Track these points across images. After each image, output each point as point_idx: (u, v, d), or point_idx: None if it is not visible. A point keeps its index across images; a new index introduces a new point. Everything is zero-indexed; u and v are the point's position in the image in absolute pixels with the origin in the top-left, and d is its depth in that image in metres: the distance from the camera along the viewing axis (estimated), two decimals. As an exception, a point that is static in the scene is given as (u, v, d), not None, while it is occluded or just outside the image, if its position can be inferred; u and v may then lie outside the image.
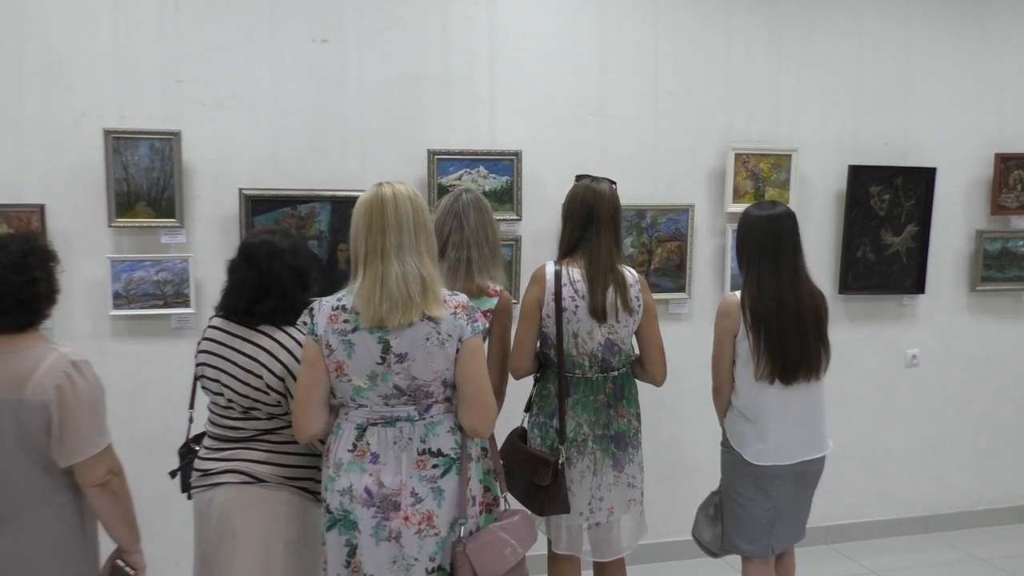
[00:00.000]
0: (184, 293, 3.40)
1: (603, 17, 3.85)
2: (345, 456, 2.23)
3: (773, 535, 2.92)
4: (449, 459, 2.24)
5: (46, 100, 3.28)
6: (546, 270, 2.82)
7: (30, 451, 2.06)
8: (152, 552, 2.47)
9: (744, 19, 4.03)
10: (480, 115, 3.73)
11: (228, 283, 2.49)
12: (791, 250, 2.83)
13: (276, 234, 2.50)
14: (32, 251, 2.13)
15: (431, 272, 2.20)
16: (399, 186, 2.23)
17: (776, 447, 2.83)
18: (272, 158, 3.50)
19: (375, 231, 2.17)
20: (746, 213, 2.91)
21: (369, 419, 2.22)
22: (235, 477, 2.41)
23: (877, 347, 4.40)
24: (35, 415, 2.03)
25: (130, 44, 3.34)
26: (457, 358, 2.22)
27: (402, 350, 2.17)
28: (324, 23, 3.52)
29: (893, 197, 4.24)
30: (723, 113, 4.04)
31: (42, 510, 2.11)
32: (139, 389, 3.42)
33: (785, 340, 2.77)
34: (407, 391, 2.20)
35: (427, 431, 2.23)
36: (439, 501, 2.21)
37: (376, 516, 2.19)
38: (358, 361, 2.18)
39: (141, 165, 3.32)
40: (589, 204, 2.82)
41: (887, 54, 4.24)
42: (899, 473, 4.52)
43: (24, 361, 2.05)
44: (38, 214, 3.24)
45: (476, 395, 2.25)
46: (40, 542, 2.10)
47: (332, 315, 2.20)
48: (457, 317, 2.21)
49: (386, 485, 2.19)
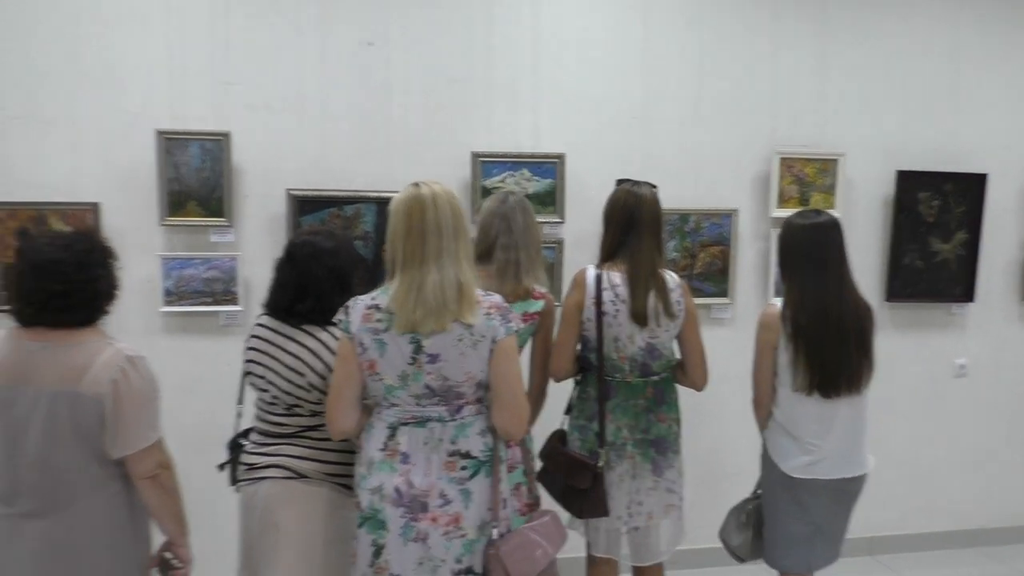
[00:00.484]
0: (232, 291, 3.47)
1: (647, 20, 3.84)
2: (376, 455, 2.24)
3: (812, 552, 2.87)
4: (478, 461, 2.23)
5: (102, 102, 3.36)
6: (587, 274, 2.82)
7: (84, 441, 2.11)
8: (200, 545, 2.52)
9: (791, 22, 3.99)
10: (524, 118, 3.74)
11: (273, 282, 2.54)
12: (836, 260, 2.78)
13: (320, 235, 2.54)
14: (94, 249, 2.19)
15: (468, 277, 2.19)
16: (437, 187, 2.22)
17: (815, 461, 2.79)
18: (319, 159, 3.56)
19: (414, 236, 2.17)
20: (788, 222, 2.86)
21: (400, 419, 2.23)
22: (278, 472, 2.45)
23: (924, 356, 4.33)
24: (90, 407, 2.08)
25: (182, 47, 3.41)
26: (491, 359, 2.21)
27: (434, 351, 2.16)
28: (370, 27, 3.57)
29: (943, 203, 4.17)
30: (768, 117, 4.00)
31: (95, 498, 2.16)
32: (188, 385, 3.49)
33: (826, 353, 2.72)
34: (438, 392, 2.20)
35: (458, 432, 2.22)
36: (467, 503, 2.21)
37: (404, 516, 2.19)
38: (389, 360, 2.18)
39: (192, 165, 3.39)
40: (630, 208, 2.81)
41: (937, 57, 4.17)
42: (946, 485, 4.43)
43: (82, 355, 2.10)
44: (92, 212, 3.33)
45: (509, 396, 2.23)
46: (92, 529, 2.16)
47: (366, 314, 2.20)
48: (491, 318, 2.20)
49: (415, 485, 2.19)
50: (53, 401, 2.07)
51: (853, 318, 2.76)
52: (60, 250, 2.13)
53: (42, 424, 2.08)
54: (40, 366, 2.09)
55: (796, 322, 2.74)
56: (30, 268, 2.11)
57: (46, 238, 2.19)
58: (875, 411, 2.93)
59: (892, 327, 4.22)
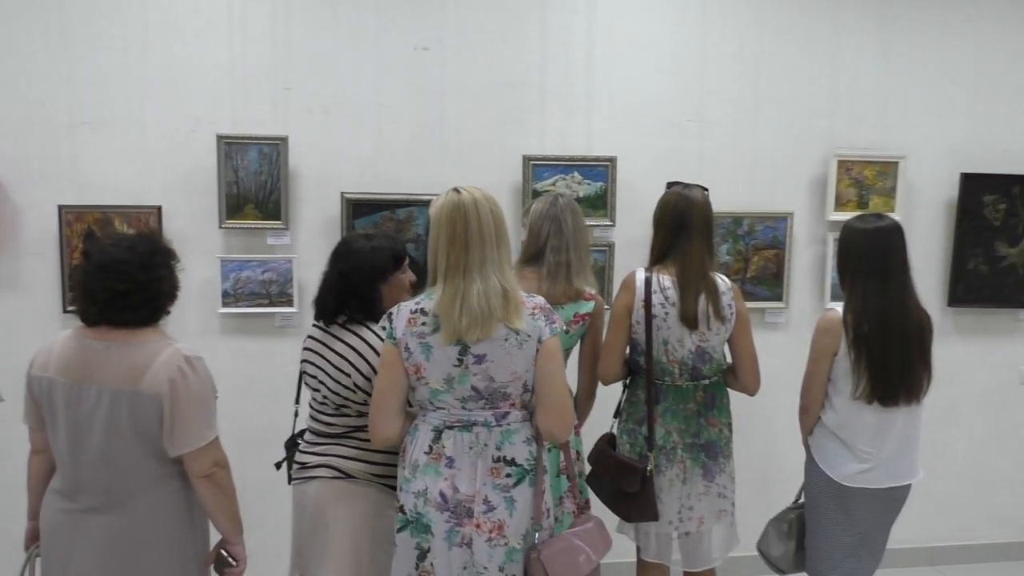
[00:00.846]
0: (288, 293, 3.54)
1: (705, 21, 3.81)
2: (421, 458, 2.23)
3: (858, 563, 2.81)
4: (522, 469, 2.22)
5: (166, 107, 3.46)
6: (636, 277, 2.81)
7: (144, 439, 2.17)
8: (254, 543, 2.57)
9: (852, 22, 3.91)
10: (576, 121, 3.74)
11: (320, 284, 2.61)
12: (899, 266, 2.70)
13: (360, 237, 2.59)
14: (157, 251, 2.25)
15: (512, 282, 2.20)
16: (478, 193, 2.21)
17: (868, 469, 2.73)
18: (373, 163, 3.61)
19: (458, 245, 2.16)
20: (848, 227, 2.79)
21: (446, 422, 2.22)
22: (327, 472, 2.50)
23: (988, 363, 4.20)
24: (149, 405, 2.14)
25: (244, 53, 3.49)
26: (535, 359, 2.20)
27: (480, 351, 2.16)
28: (426, 32, 3.61)
29: (1010, 207, 4.04)
30: (826, 118, 3.93)
31: (153, 495, 2.22)
32: (244, 385, 3.57)
33: (887, 360, 2.66)
34: (484, 393, 2.19)
35: (503, 439, 2.22)
36: (511, 511, 2.20)
37: (450, 521, 2.19)
38: (435, 364, 2.18)
39: (250, 169, 3.47)
40: (681, 211, 2.79)
41: (1004, 56, 4.04)
42: (1012, 494, 4.29)
43: (142, 354, 2.16)
44: (155, 215, 3.43)
45: (554, 397, 2.22)
46: (152, 525, 2.22)
47: (411, 318, 2.20)
48: (536, 318, 2.20)
49: (460, 491, 2.19)
50: (115, 399, 2.13)
51: (916, 327, 2.70)
52: (124, 251, 2.19)
53: (104, 422, 2.14)
54: (103, 365, 2.15)
55: (858, 329, 2.68)
56: (96, 268, 2.17)
57: (111, 240, 2.27)
58: (938, 419, 2.88)
59: (956, 333, 4.10)
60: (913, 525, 2.92)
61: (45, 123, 3.39)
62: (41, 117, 3.38)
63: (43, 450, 2.32)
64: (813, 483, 2.86)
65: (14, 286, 3.43)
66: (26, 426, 2.34)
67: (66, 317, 3.42)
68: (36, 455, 2.35)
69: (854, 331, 2.68)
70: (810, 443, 2.89)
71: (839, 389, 2.77)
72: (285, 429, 2.84)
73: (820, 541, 2.84)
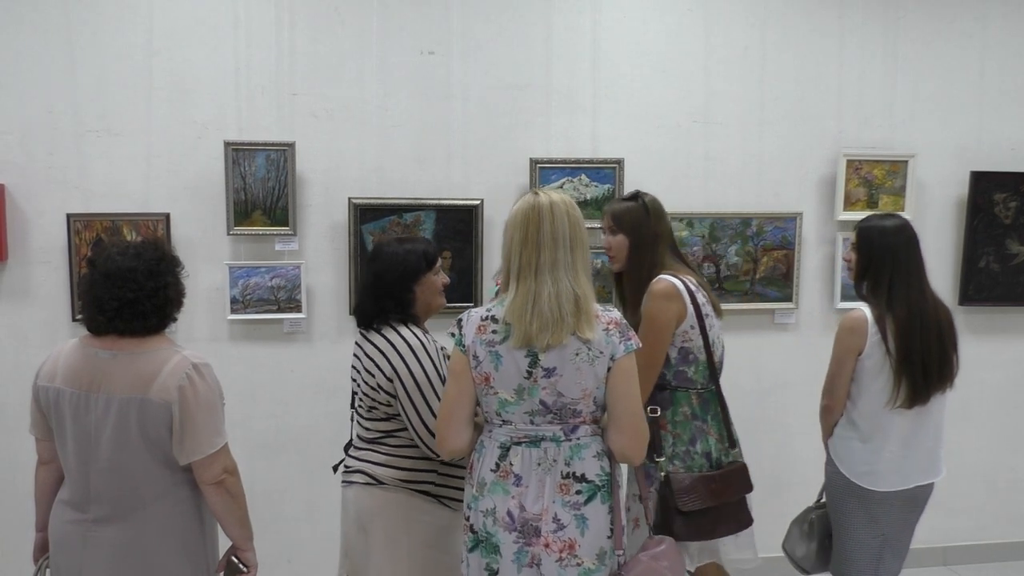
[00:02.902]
0: (296, 299, 3.54)
1: (709, 22, 3.80)
2: (488, 475, 2.16)
3: (882, 565, 2.79)
4: (593, 486, 2.12)
5: (173, 114, 3.47)
6: (676, 284, 2.67)
7: (153, 447, 2.16)
8: (263, 548, 2.57)
9: (858, 21, 3.90)
10: (582, 124, 3.74)
11: (358, 290, 2.64)
12: (921, 263, 2.74)
13: (393, 241, 2.62)
14: (163, 258, 2.24)
15: (586, 290, 2.12)
16: (556, 196, 2.16)
17: (893, 470, 2.72)
18: (380, 167, 3.61)
19: (530, 246, 2.11)
20: (871, 227, 2.77)
21: (513, 438, 2.14)
22: (361, 477, 2.52)
23: (1001, 362, 4.17)
24: (158, 413, 2.13)
25: (249, 60, 3.50)
26: (608, 377, 2.11)
27: (550, 364, 2.08)
28: (431, 36, 3.60)
29: (1020, 204, 4.01)
30: (834, 118, 3.91)
31: (164, 503, 2.21)
32: (253, 391, 3.57)
33: (927, 359, 2.67)
34: (553, 408, 2.11)
35: (572, 454, 2.12)
36: (582, 529, 2.10)
37: (518, 541, 2.11)
38: (505, 373, 2.11)
39: (257, 175, 3.47)
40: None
41: (1012, 54, 4.02)
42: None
43: (150, 362, 2.16)
44: (163, 222, 3.44)
45: (628, 418, 2.12)
46: (163, 534, 2.21)
47: (481, 325, 2.14)
48: (610, 334, 2.10)
49: (528, 509, 2.10)
50: (123, 408, 2.13)
51: (945, 315, 2.74)
52: (131, 259, 2.18)
53: (113, 431, 2.13)
54: (111, 373, 2.15)
55: (894, 327, 2.68)
56: (102, 277, 2.16)
57: (116, 248, 2.24)
58: (950, 419, 2.85)
59: (967, 332, 4.07)
60: (926, 525, 2.89)
61: (53, 132, 3.40)
62: (49, 126, 3.39)
63: (50, 461, 2.31)
64: (834, 485, 2.83)
65: (23, 295, 3.44)
66: (33, 437, 2.33)
67: (75, 326, 3.42)
68: (43, 466, 2.34)
69: (886, 330, 2.68)
70: (830, 445, 2.86)
71: (863, 388, 2.75)
72: (294, 434, 2.85)
73: (844, 542, 2.82)
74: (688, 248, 3.76)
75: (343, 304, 3.60)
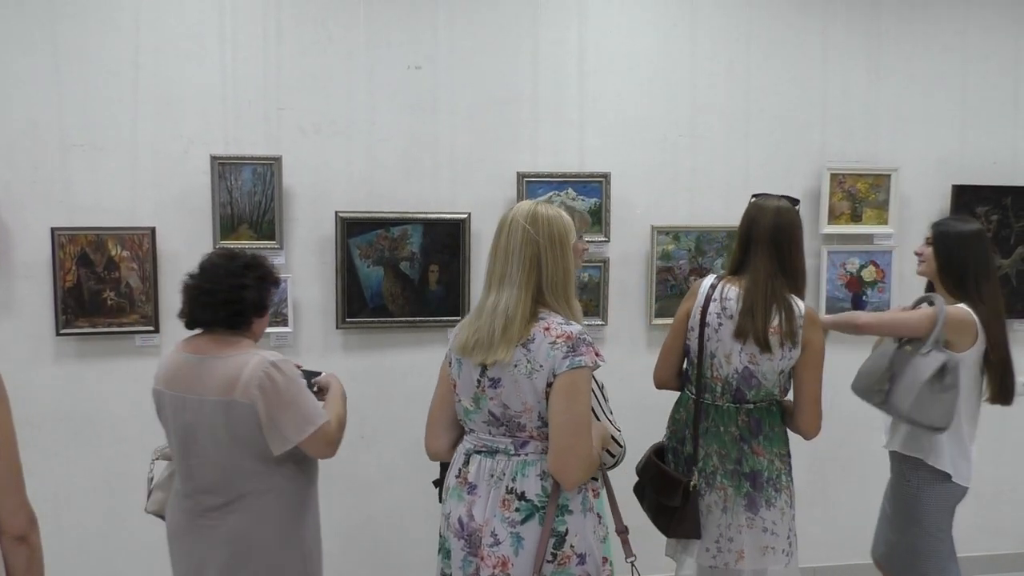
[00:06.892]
0: (283, 312, 3.52)
1: (694, 37, 3.83)
2: (452, 481, 2.21)
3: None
4: (532, 506, 2.07)
5: (159, 128, 3.45)
6: (703, 282, 2.75)
7: (244, 443, 2.26)
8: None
9: (841, 36, 3.94)
10: (569, 137, 3.75)
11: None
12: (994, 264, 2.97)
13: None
14: (251, 266, 2.38)
15: (525, 307, 2.05)
16: (525, 207, 2.14)
17: (971, 463, 2.87)
18: (367, 181, 3.60)
19: (492, 258, 2.16)
20: (957, 231, 2.88)
21: (475, 446, 2.17)
22: None
23: (984, 373, 4.20)
24: (244, 413, 2.22)
25: (235, 74, 3.49)
26: (548, 393, 2.03)
27: (495, 375, 2.08)
28: (418, 50, 3.61)
29: (1002, 218, 4.06)
30: (818, 132, 3.95)
31: (261, 493, 2.31)
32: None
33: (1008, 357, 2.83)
34: (502, 420, 2.11)
35: (518, 470, 2.09)
36: (516, 548, 2.05)
37: (464, 549, 2.13)
38: (464, 382, 2.16)
39: (244, 189, 3.47)
40: (749, 222, 2.73)
41: (994, 69, 4.07)
42: (1012, 507, 4.30)
43: (233, 365, 2.25)
44: (149, 236, 3.42)
45: (559, 438, 2.02)
46: (263, 520, 2.32)
47: (456, 333, 2.22)
48: (555, 348, 2.02)
49: (475, 519, 2.11)
50: (213, 409, 2.24)
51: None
52: (223, 259, 2.38)
53: (206, 429, 2.26)
54: (200, 377, 2.27)
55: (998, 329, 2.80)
56: (197, 272, 2.37)
57: (218, 251, 2.48)
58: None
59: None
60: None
61: (37, 145, 3.37)
62: (33, 139, 3.37)
63: None
64: (937, 496, 2.87)
65: (6, 309, 3.40)
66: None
67: (59, 340, 3.40)
68: None
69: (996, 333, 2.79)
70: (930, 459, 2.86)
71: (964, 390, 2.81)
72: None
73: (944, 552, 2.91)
74: (674, 261, 3.78)
75: (330, 318, 3.59)
